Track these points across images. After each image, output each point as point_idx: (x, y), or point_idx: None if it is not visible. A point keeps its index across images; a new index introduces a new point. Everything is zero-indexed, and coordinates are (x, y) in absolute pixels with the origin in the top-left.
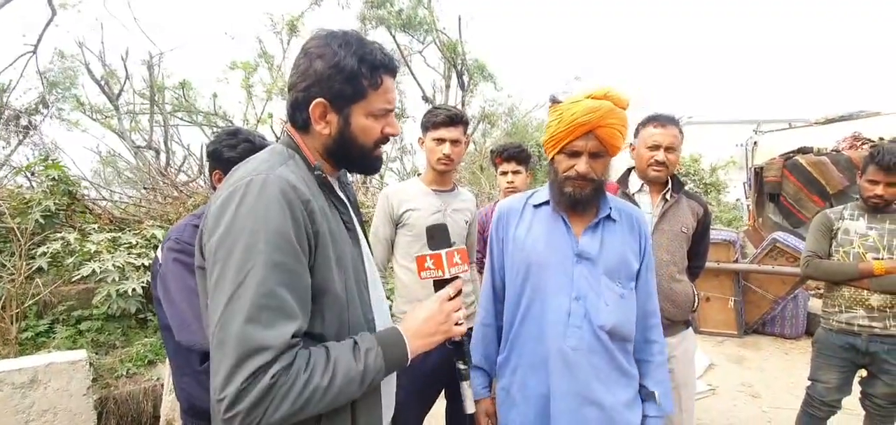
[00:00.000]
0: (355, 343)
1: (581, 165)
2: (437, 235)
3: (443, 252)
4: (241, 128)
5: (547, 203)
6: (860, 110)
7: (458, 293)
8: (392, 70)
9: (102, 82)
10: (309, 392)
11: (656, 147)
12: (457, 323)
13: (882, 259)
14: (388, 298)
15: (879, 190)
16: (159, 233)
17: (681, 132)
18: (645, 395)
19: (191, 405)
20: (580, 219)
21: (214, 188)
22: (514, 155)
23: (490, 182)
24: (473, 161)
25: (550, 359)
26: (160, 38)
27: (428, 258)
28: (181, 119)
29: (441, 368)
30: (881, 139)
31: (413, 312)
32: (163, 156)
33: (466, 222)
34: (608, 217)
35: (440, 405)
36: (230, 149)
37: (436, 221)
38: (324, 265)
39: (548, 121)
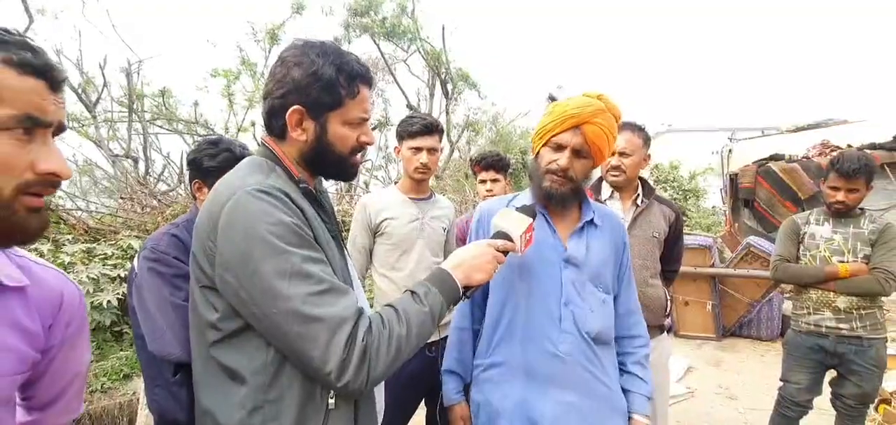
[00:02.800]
0: (412, 292)
1: (563, 159)
2: (525, 209)
3: (532, 228)
4: (222, 137)
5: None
6: (829, 118)
7: (505, 253)
8: (368, 81)
9: (79, 90)
10: (395, 341)
11: (611, 152)
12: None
13: (847, 262)
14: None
15: (841, 196)
16: (136, 244)
17: (642, 138)
18: (630, 381)
19: (162, 416)
20: (564, 223)
21: (195, 198)
22: (492, 163)
23: (474, 190)
24: (458, 169)
25: (539, 364)
26: (139, 45)
27: (513, 214)
28: (161, 127)
29: (420, 376)
30: (849, 146)
31: (462, 250)
32: (141, 165)
33: (444, 229)
34: (591, 222)
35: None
36: (210, 159)
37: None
38: None
39: (541, 118)
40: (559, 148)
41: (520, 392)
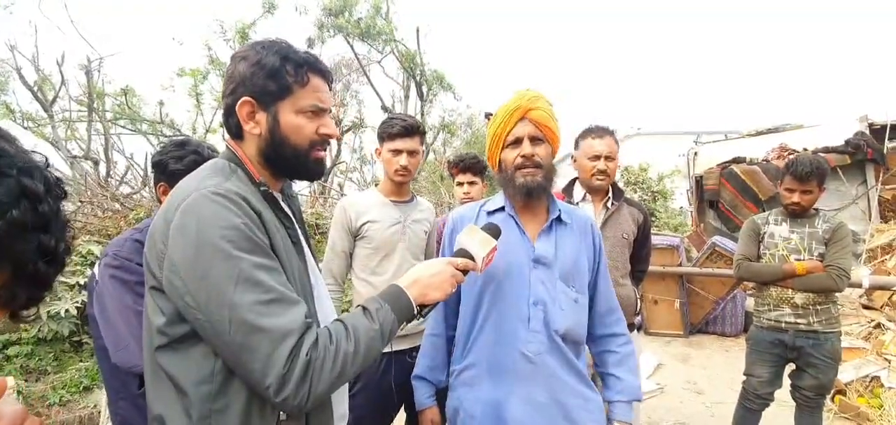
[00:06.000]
0: (364, 308)
1: (526, 148)
2: (489, 229)
3: (495, 249)
4: (189, 138)
5: (501, 209)
6: (786, 123)
7: (465, 272)
8: (320, 70)
9: (35, 88)
10: (341, 358)
11: (596, 157)
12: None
13: (803, 260)
14: (346, 310)
15: (796, 197)
16: (97, 249)
17: (616, 142)
18: (611, 383)
19: None
20: (533, 223)
21: (159, 202)
22: (470, 165)
23: (449, 192)
24: (433, 171)
25: (509, 365)
26: (100, 42)
27: (478, 233)
28: (123, 127)
29: (401, 383)
30: (805, 150)
31: (420, 266)
32: (102, 167)
33: (426, 232)
34: (559, 220)
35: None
36: (176, 161)
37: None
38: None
39: (488, 135)
40: (517, 142)
41: (491, 394)
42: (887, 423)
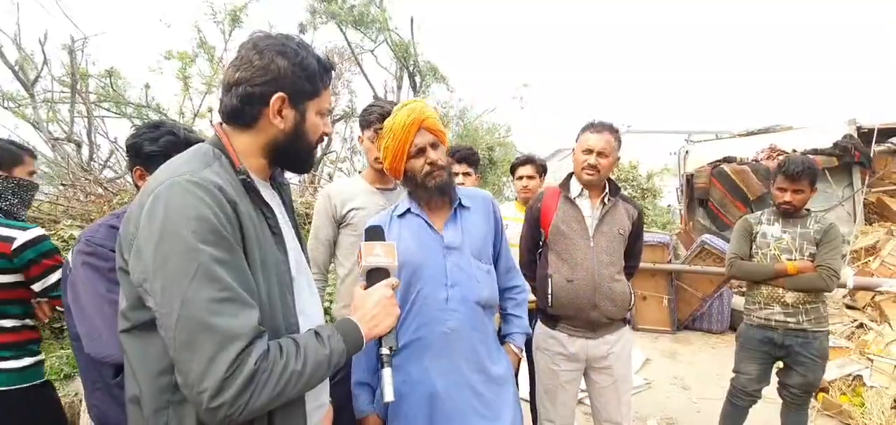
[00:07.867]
0: (317, 332)
1: (433, 155)
2: (376, 235)
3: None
4: (164, 120)
5: (408, 212)
6: (776, 124)
7: (394, 288)
8: (332, 76)
9: (16, 67)
10: (287, 376)
11: (589, 151)
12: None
13: (794, 260)
14: (329, 300)
15: (787, 196)
16: (79, 234)
17: (617, 140)
18: (511, 321)
19: (104, 423)
20: (439, 215)
21: (137, 186)
22: (465, 157)
23: None
24: None
25: (430, 343)
26: (85, 21)
27: (376, 246)
28: (107, 110)
29: None
30: (794, 150)
31: (363, 301)
32: (85, 150)
33: None
34: (461, 205)
35: None
36: (151, 143)
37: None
38: (248, 268)
39: (382, 146)
40: (420, 152)
41: (418, 371)
42: (869, 421)
